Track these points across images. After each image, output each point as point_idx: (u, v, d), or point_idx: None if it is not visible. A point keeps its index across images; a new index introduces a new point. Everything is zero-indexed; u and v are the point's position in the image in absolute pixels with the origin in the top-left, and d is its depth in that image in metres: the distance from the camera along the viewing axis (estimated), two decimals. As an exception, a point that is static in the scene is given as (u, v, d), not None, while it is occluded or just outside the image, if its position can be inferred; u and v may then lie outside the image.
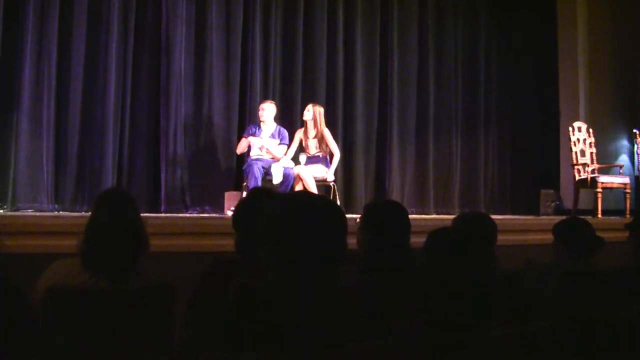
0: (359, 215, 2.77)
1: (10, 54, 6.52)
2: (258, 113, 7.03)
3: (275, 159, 6.84)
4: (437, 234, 1.85)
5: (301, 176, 6.81)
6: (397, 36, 8.87)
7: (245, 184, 6.87)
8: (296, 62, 8.16)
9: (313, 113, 7.02)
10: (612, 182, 7.94)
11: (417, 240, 2.92)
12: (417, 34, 9.07)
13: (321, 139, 7.05)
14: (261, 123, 6.97)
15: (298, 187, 6.82)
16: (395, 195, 8.50)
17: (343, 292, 1.75)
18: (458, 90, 9.34)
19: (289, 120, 7.77)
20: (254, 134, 6.91)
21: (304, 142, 7.09)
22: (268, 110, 6.95)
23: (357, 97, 8.48)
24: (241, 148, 7.04)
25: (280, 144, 6.97)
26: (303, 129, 7.14)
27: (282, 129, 7.06)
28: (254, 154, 6.88)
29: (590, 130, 8.32)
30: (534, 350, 1.80)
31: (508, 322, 1.81)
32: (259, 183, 6.61)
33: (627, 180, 8.00)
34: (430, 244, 1.82)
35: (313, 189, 6.76)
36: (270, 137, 6.93)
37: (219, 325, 1.69)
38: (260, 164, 6.69)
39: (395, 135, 8.75)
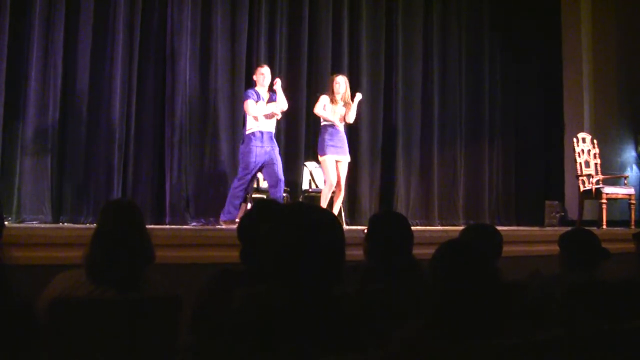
0: (365, 227, 2.87)
1: (15, 64, 6.54)
2: (256, 78, 6.67)
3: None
4: (446, 246, 1.88)
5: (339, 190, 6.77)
6: (401, 46, 8.90)
7: (249, 194, 6.85)
8: (301, 71, 8.17)
9: (345, 86, 6.79)
10: (617, 193, 7.95)
11: (421, 251, 2.95)
12: (421, 44, 9.10)
13: (346, 106, 6.82)
14: (261, 88, 6.65)
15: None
16: (400, 207, 8.49)
17: (348, 301, 1.76)
18: (462, 101, 9.36)
19: (295, 131, 7.77)
20: (257, 100, 6.59)
21: (330, 109, 6.74)
22: (269, 75, 6.67)
23: (362, 106, 8.46)
24: (256, 111, 6.56)
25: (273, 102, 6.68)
26: (329, 98, 6.77)
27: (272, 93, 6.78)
28: (260, 123, 6.53)
29: (595, 141, 8.33)
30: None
31: (514, 332, 1.81)
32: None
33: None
34: (440, 256, 1.85)
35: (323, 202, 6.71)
36: (269, 101, 6.65)
37: (224, 334, 1.70)
38: (261, 149, 6.50)
39: (400, 145, 8.75)
